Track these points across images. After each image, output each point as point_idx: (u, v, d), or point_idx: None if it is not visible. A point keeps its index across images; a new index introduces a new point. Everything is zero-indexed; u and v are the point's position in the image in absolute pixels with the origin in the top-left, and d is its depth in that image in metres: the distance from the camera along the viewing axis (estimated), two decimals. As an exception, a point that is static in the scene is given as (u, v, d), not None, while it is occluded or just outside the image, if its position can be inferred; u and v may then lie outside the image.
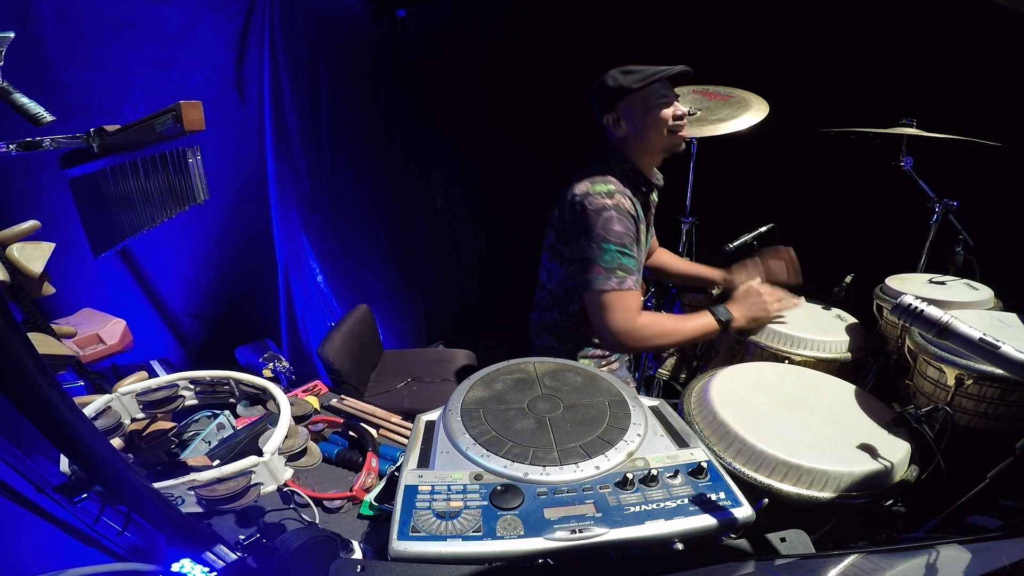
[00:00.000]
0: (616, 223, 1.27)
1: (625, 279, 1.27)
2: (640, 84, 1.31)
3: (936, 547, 0.59)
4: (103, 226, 1.24)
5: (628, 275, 1.27)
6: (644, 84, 1.31)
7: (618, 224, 1.27)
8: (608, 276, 1.26)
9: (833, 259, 1.95)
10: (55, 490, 0.63)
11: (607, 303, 1.26)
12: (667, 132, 1.35)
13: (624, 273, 1.27)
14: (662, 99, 1.32)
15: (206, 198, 1.15)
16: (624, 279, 1.27)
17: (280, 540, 0.70)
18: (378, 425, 1.38)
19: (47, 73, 1.57)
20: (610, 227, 1.26)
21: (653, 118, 1.33)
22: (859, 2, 2.18)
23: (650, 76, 1.30)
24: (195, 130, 1.06)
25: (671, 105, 1.34)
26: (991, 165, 1.87)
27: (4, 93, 0.86)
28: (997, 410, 1.16)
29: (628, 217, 1.30)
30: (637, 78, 1.31)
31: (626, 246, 1.28)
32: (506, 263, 2.84)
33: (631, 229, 1.30)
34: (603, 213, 1.27)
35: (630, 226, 1.30)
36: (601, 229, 1.27)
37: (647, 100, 1.33)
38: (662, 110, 1.33)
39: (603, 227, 1.26)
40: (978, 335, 0.73)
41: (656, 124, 1.34)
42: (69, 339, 1.29)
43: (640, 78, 1.31)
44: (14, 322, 0.36)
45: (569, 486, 0.66)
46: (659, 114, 1.33)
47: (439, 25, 3.02)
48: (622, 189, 1.33)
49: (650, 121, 1.34)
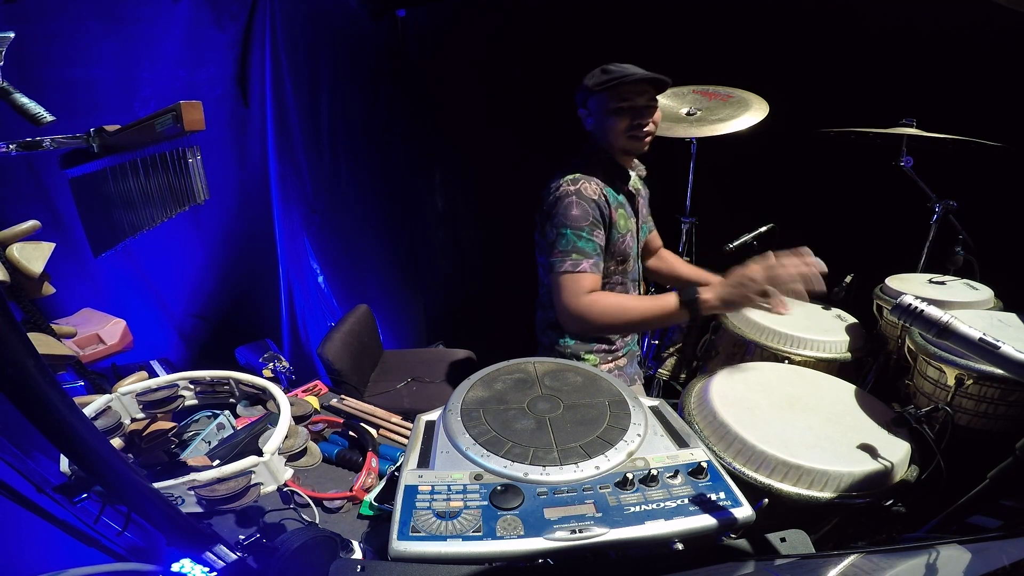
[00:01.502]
0: (574, 207, 1.30)
1: (580, 261, 1.28)
2: (599, 87, 1.32)
3: (936, 547, 0.59)
4: (103, 226, 1.24)
5: (584, 258, 1.29)
6: (603, 88, 1.32)
7: (576, 208, 1.30)
8: (563, 259, 1.29)
9: (833, 259, 1.94)
10: (55, 490, 0.63)
11: (560, 284, 1.29)
12: (623, 135, 1.37)
13: (579, 256, 1.29)
14: (622, 103, 1.33)
15: (206, 198, 1.15)
16: (579, 261, 1.28)
17: (280, 540, 0.70)
18: (378, 425, 1.38)
19: (53, 70, 1.58)
20: (568, 212, 1.30)
21: (610, 122, 1.36)
22: (859, 2, 2.18)
23: (610, 80, 1.31)
24: (195, 130, 1.06)
25: (633, 111, 1.34)
26: (991, 165, 1.87)
27: (4, 93, 0.86)
28: (997, 410, 1.16)
29: (589, 202, 1.32)
30: (600, 80, 1.33)
31: (582, 229, 1.30)
32: (506, 263, 2.84)
33: (590, 213, 1.31)
34: (564, 199, 1.31)
35: (589, 210, 1.31)
36: (560, 215, 1.31)
37: (608, 102, 1.35)
38: (621, 115, 1.34)
39: (563, 212, 1.31)
40: (978, 335, 0.73)
41: (612, 127, 1.36)
42: (69, 339, 1.29)
43: (602, 80, 1.32)
44: (14, 322, 0.36)
45: (569, 486, 0.66)
46: (615, 119, 1.35)
47: (439, 25, 3.02)
48: (589, 176, 1.35)
49: (607, 124, 1.37)
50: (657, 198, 1.69)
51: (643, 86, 1.34)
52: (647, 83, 1.34)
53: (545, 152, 2.87)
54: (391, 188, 3.25)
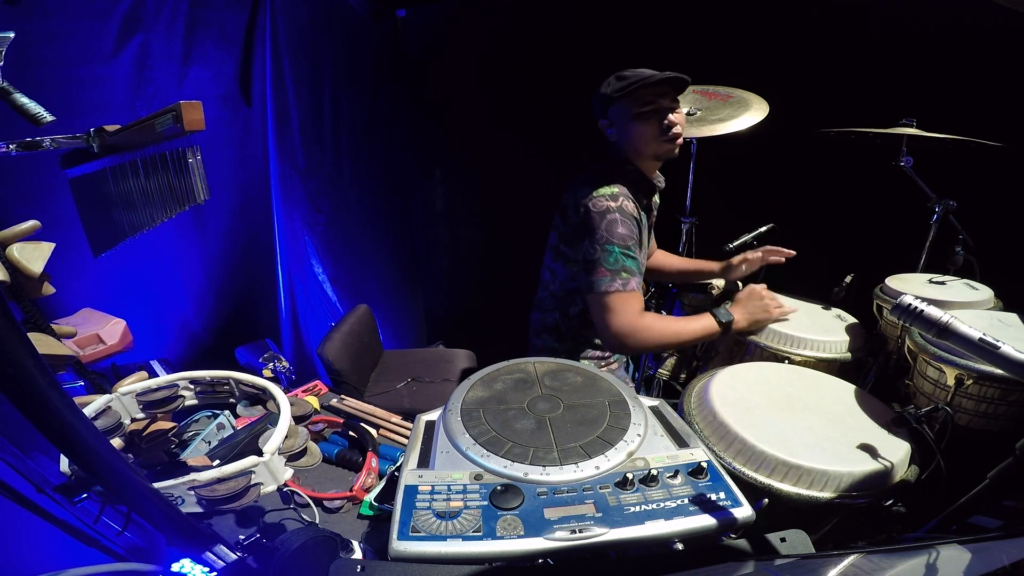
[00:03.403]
0: (620, 225, 1.27)
1: (629, 281, 1.27)
2: (620, 93, 1.30)
3: (936, 547, 0.59)
4: (103, 226, 1.24)
5: (632, 277, 1.28)
6: (623, 93, 1.30)
7: (621, 226, 1.28)
8: (612, 278, 1.26)
9: (833, 259, 1.95)
10: (55, 490, 0.63)
11: (610, 304, 1.27)
12: (655, 140, 1.34)
13: (628, 275, 1.27)
14: (647, 106, 1.31)
15: (206, 198, 1.15)
16: (628, 281, 1.27)
17: (280, 540, 0.70)
18: (378, 425, 1.38)
19: (55, 69, 1.58)
20: (614, 229, 1.27)
21: (638, 126, 1.33)
22: (859, 2, 2.18)
23: (630, 84, 1.29)
24: (195, 130, 1.06)
25: (658, 113, 1.32)
26: (991, 165, 1.87)
27: (4, 93, 0.86)
28: (997, 410, 1.16)
29: (631, 219, 1.30)
30: (619, 86, 1.31)
31: (629, 248, 1.28)
32: (506, 263, 2.85)
33: (634, 231, 1.30)
34: (607, 215, 1.28)
35: (633, 228, 1.30)
36: (605, 231, 1.27)
37: (630, 108, 1.32)
38: (647, 119, 1.32)
39: (607, 229, 1.27)
40: (978, 335, 0.73)
41: (641, 132, 1.34)
42: (69, 339, 1.29)
43: (621, 86, 1.30)
44: (14, 322, 0.36)
45: (569, 486, 0.66)
46: (643, 122, 1.32)
47: (439, 25, 3.02)
48: (625, 192, 1.32)
49: (635, 129, 1.34)
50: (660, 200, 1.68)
51: (663, 87, 1.31)
52: (667, 84, 1.31)
53: (545, 152, 2.89)
54: (391, 188, 3.25)
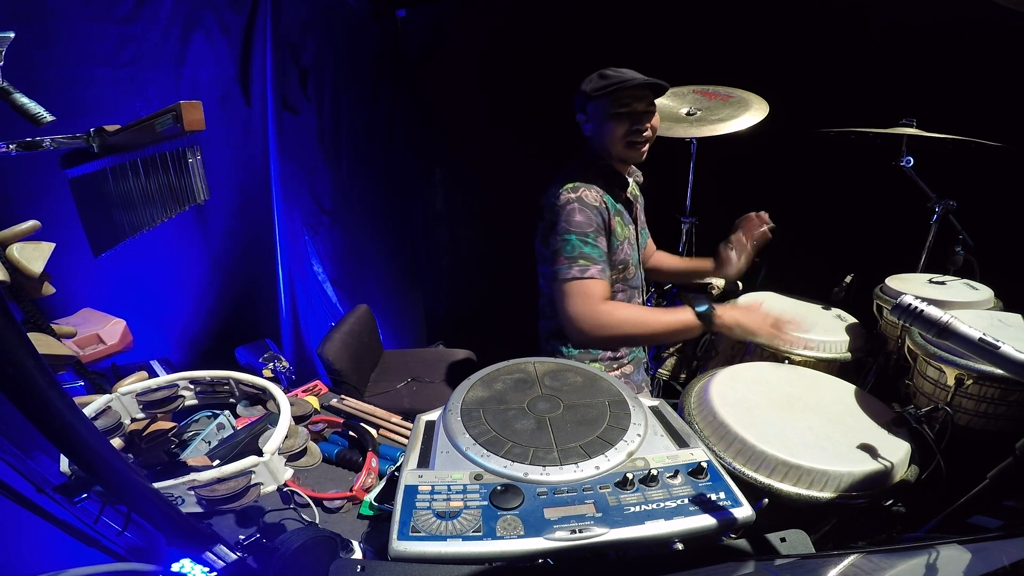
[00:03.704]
0: (577, 214, 1.28)
1: (588, 268, 1.25)
2: (599, 92, 1.31)
3: (936, 547, 0.59)
4: (103, 226, 1.24)
5: (591, 264, 1.26)
6: (602, 93, 1.31)
7: (579, 215, 1.28)
8: (570, 265, 1.26)
9: (833, 259, 1.95)
10: (55, 490, 0.63)
11: (568, 291, 1.25)
12: (621, 142, 1.35)
13: (586, 262, 1.26)
14: (621, 109, 1.32)
15: (206, 198, 1.15)
16: (586, 267, 1.25)
17: (280, 540, 0.70)
18: (378, 425, 1.38)
19: (54, 70, 1.58)
20: (572, 218, 1.28)
21: (608, 128, 1.35)
22: (859, 2, 2.18)
23: (609, 85, 1.30)
24: (195, 130, 1.06)
25: (631, 116, 1.33)
26: (991, 165, 1.87)
27: (4, 93, 0.86)
28: (997, 410, 1.16)
29: (591, 208, 1.30)
30: (599, 85, 1.31)
31: (587, 235, 1.28)
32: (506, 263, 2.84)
33: (594, 219, 1.30)
34: (567, 207, 1.30)
35: (592, 216, 1.30)
36: (564, 221, 1.29)
37: (606, 109, 1.33)
38: (620, 120, 1.33)
39: (566, 219, 1.29)
40: (978, 335, 0.73)
41: (610, 134, 1.35)
42: (69, 339, 1.29)
43: (601, 86, 1.31)
44: (14, 322, 0.36)
45: (569, 486, 0.66)
46: (614, 125, 1.34)
47: (439, 25, 3.02)
48: (589, 184, 1.34)
49: (606, 130, 1.35)
50: (657, 198, 1.69)
51: (642, 91, 1.33)
52: (646, 88, 1.32)
53: (545, 152, 2.87)
54: (391, 188, 3.25)
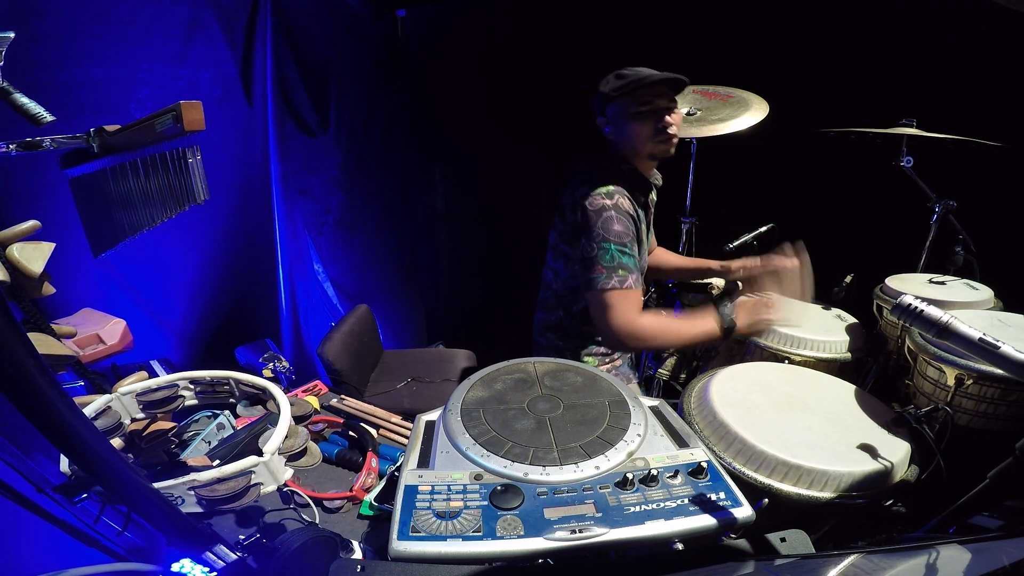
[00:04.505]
0: (616, 223, 1.28)
1: (626, 278, 1.27)
2: (618, 92, 1.31)
3: (936, 547, 0.59)
4: (103, 226, 1.24)
5: (629, 274, 1.28)
6: (621, 92, 1.31)
7: (617, 224, 1.28)
8: (609, 275, 1.27)
9: (833, 259, 1.95)
10: (55, 490, 0.63)
11: (609, 302, 1.27)
12: (650, 139, 1.35)
13: (625, 272, 1.28)
14: (644, 106, 1.32)
15: (206, 198, 1.15)
16: (625, 278, 1.27)
17: (280, 540, 0.70)
18: (378, 425, 1.38)
19: (53, 72, 1.57)
20: (610, 227, 1.28)
21: (634, 125, 1.34)
22: (859, 1, 2.18)
23: (628, 84, 1.30)
24: (195, 130, 1.06)
25: (655, 113, 1.33)
26: (991, 165, 1.87)
27: (4, 93, 0.86)
28: (997, 410, 1.16)
29: (627, 217, 1.31)
30: (618, 85, 1.32)
31: (626, 245, 1.29)
32: (506, 263, 2.85)
33: (630, 228, 1.31)
34: (603, 213, 1.29)
35: (629, 225, 1.31)
36: (601, 229, 1.28)
37: (627, 107, 1.33)
38: (644, 118, 1.33)
39: (603, 227, 1.28)
40: (978, 335, 0.73)
41: (637, 131, 1.34)
42: (69, 339, 1.29)
43: (620, 85, 1.31)
44: (14, 322, 0.36)
45: (569, 486, 0.66)
46: (640, 122, 1.33)
47: (439, 25, 3.02)
48: (621, 190, 1.33)
49: (632, 128, 1.35)
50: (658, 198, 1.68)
51: (661, 88, 1.32)
52: (665, 84, 1.32)
53: (545, 152, 2.88)
54: (392, 187, 3.25)
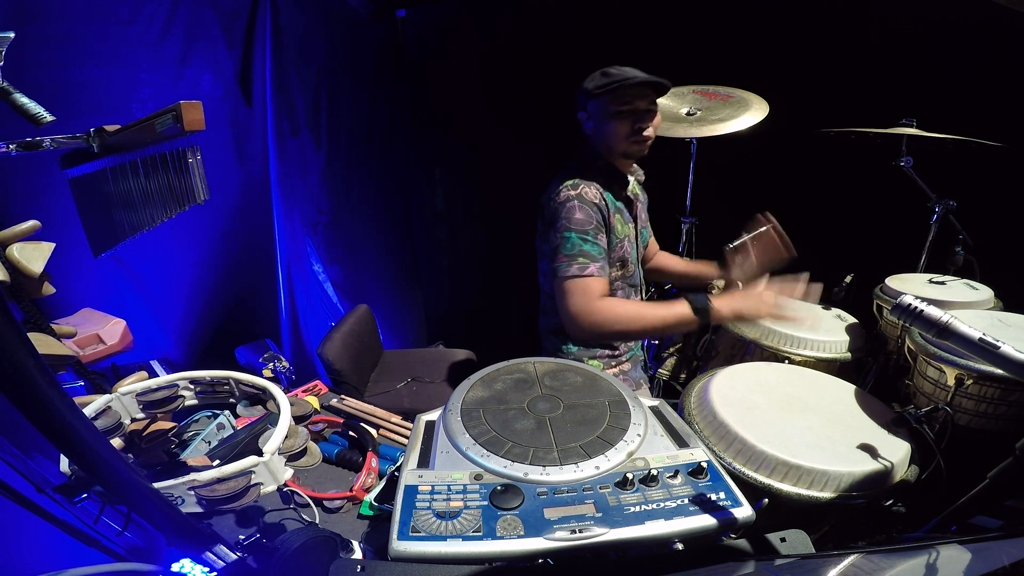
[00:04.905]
0: (577, 211, 1.29)
1: (587, 265, 1.26)
2: (600, 90, 1.32)
3: (936, 547, 0.59)
4: (103, 226, 1.24)
5: (591, 262, 1.27)
6: (604, 90, 1.31)
7: (579, 212, 1.29)
8: (569, 263, 1.27)
9: (833, 259, 1.95)
10: (55, 490, 0.63)
11: (567, 288, 1.26)
12: (624, 139, 1.36)
13: (586, 260, 1.27)
14: (624, 106, 1.32)
15: (206, 198, 1.15)
16: (586, 265, 1.26)
17: (280, 540, 0.70)
18: (378, 425, 1.38)
19: (53, 72, 1.57)
20: (571, 215, 1.29)
21: (610, 126, 1.35)
22: (859, 1, 2.18)
23: (611, 83, 1.30)
24: (195, 130, 1.06)
25: (633, 114, 1.33)
26: (991, 165, 1.87)
27: (4, 93, 0.86)
28: (997, 410, 1.16)
29: (591, 206, 1.31)
30: (601, 83, 1.32)
31: (587, 233, 1.28)
32: (506, 263, 2.84)
33: (593, 216, 1.30)
34: (566, 204, 1.30)
35: (593, 214, 1.30)
36: (564, 219, 1.29)
37: (608, 105, 1.34)
38: (622, 118, 1.33)
39: (566, 216, 1.29)
40: (978, 335, 0.73)
41: (615, 130, 1.35)
42: (69, 339, 1.29)
43: (603, 84, 1.31)
44: (14, 322, 0.36)
45: (569, 486, 0.66)
46: (615, 123, 1.34)
47: (439, 25, 3.02)
48: (589, 182, 1.34)
49: (609, 127, 1.36)
50: (657, 198, 1.69)
51: (644, 89, 1.33)
52: (647, 86, 1.33)
53: (545, 151, 2.87)
54: (392, 187, 3.25)
